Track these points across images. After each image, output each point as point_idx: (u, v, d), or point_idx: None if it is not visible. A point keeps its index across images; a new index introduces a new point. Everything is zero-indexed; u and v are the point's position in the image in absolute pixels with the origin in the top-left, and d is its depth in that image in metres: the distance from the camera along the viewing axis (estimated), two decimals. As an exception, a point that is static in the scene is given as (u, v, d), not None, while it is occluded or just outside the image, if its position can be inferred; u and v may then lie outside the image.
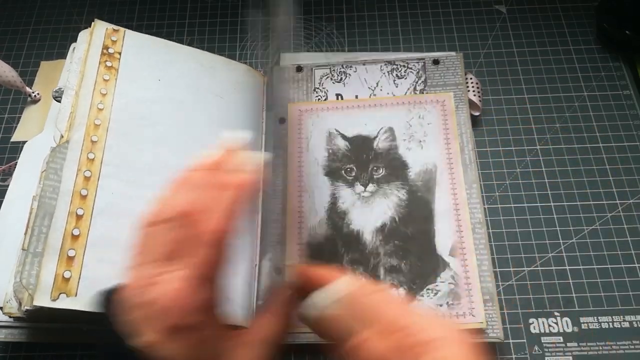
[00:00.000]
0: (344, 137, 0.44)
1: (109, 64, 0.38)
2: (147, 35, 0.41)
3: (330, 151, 0.44)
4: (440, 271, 0.39)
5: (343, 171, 0.43)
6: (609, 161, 0.44)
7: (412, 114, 0.44)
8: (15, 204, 0.36)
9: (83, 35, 0.39)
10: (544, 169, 0.44)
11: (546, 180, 0.43)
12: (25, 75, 0.51)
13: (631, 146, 0.44)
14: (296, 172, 0.43)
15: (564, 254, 0.41)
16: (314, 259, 0.40)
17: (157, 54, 0.41)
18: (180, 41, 0.52)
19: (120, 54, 0.39)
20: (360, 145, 0.44)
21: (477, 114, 0.45)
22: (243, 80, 0.45)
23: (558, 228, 0.41)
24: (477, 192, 0.41)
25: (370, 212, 0.41)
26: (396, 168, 0.42)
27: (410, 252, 0.39)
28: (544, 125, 0.46)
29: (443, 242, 0.39)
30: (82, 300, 0.31)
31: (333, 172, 0.43)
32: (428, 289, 0.38)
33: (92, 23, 0.40)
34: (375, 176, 0.42)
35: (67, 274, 0.32)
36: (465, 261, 0.39)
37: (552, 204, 0.42)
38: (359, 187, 0.42)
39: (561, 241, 0.41)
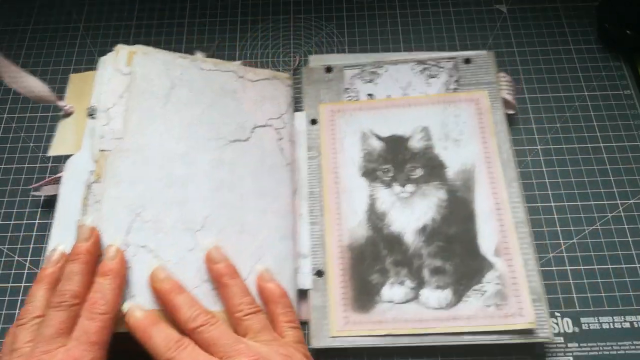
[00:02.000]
0: (378, 137, 0.44)
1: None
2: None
3: (366, 152, 0.43)
4: (485, 272, 0.38)
5: (380, 172, 0.42)
6: (610, 161, 0.44)
7: (446, 112, 0.44)
8: (62, 225, 0.36)
9: (109, 57, 0.40)
10: (544, 168, 0.44)
11: (547, 180, 0.43)
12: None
13: (632, 146, 0.44)
14: (332, 173, 0.43)
15: (564, 254, 0.40)
16: (356, 260, 0.40)
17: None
18: (180, 40, 0.52)
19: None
20: (396, 146, 0.43)
21: (512, 112, 0.45)
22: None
23: (559, 228, 0.41)
24: (518, 190, 0.40)
25: (411, 212, 0.41)
26: (434, 168, 0.42)
27: (454, 253, 0.39)
28: (544, 125, 0.46)
29: (486, 242, 0.39)
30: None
31: (370, 173, 0.42)
32: (474, 290, 0.37)
33: (116, 47, 0.40)
34: (412, 176, 0.42)
35: None
36: (510, 261, 0.38)
37: (552, 204, 0.42)
38: (397, 188, 0.41)
39: (562, 241, 0.41)
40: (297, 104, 0.47)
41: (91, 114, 0.38)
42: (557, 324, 0.38)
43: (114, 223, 0.35)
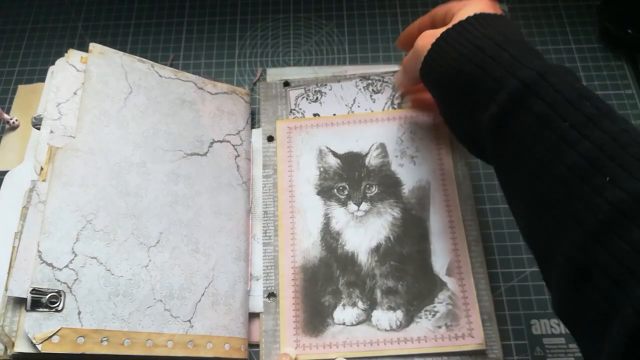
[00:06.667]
0: (335, 154, 0.43)
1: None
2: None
3: (322, 169, 0.42)
4: (437, 292, 0.38)
5: (335, 190, 0.42)
6: (611, 161, 0.44)
7: (403, 129, 0.43)
8: None
9: (60, 63, 0.38)
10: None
11: (548, 181, 0.43)
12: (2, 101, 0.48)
13: (633, 146, 0.44)
14: (287, 192, 0.42)
15: (565, 255, 0.40)
16: (309, 281, 0.39)
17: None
18: (179, 40, 0.52)
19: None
20: (352, 163, 0.42)
21: None
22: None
23: (560, 229, 0.41)
24: (472, 208, 0.40)
25: (365, 231, 0.40)
26: (389, 186, 0.41)
27: (407, 273, 0.39)
28: (545, 125, 0.46)
29: (439, 261, 0.39)
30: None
31: (325, 191, 0.42)
32: (426, 310, 0.37)
33: (67, 52, 0.38)
34: (368, 194, 0.41)
35: None
36: (462, 281, 0.38)
37: (553, 204, 0.42)
38: (352, 206, 0.41)
39: (563, 242, 0.41)
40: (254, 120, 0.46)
41: (36, 124, 0.35)
42: (558, 324, 0.38)
43: (60, 227, 0.32)
